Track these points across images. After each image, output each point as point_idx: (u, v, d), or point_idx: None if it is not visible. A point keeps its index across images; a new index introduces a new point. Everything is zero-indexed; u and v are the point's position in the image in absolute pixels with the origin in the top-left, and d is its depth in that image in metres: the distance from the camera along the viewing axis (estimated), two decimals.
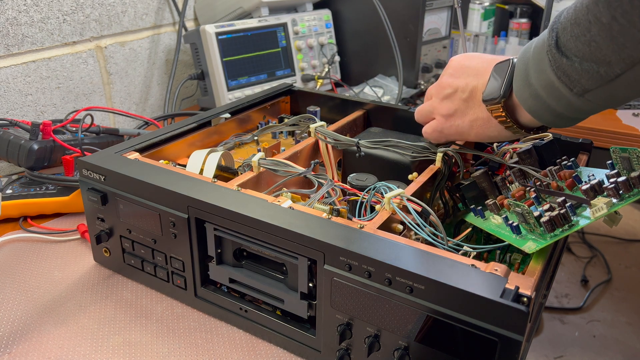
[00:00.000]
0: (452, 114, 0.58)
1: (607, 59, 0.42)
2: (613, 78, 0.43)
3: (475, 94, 0.56)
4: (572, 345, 1.50)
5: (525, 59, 0.50)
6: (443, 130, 0.60)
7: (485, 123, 0.55)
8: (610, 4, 0.40)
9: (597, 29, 0.42)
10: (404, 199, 0.52)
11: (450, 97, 0.58)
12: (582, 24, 0.43)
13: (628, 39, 0.41)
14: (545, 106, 0.49)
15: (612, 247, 1.91)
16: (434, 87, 0.62)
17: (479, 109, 0.55)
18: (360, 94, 1.20)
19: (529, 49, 0.50)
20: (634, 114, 1.08)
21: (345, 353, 0.48)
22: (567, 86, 0.46)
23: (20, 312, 0.58)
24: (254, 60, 1.14)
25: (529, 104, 0.50)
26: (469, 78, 0.57)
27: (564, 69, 0.45)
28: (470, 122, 0.57)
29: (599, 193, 0.46)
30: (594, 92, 0.45)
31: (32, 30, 0.92)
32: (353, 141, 0.66)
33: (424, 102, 0.64)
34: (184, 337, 0.55)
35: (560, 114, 0.49)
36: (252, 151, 0.78)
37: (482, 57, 0.58)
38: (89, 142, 0.83)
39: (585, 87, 0.45)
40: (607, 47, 0.42)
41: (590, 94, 0.45)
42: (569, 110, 0.48)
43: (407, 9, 1.18)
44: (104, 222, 0.61)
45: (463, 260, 0.43)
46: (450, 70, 0.59)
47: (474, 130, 0.57)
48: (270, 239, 0.49)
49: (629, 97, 0.45)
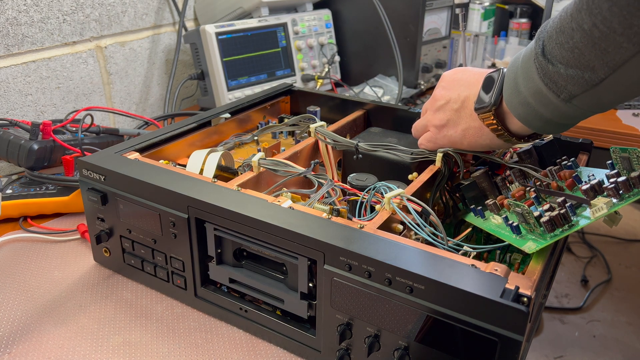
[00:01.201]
0: (444, 124, 0.59)
1: (590, 64, 0.43)
2: (597, 82, 0.44)
3: (467, 104, 0.57)
4: (572, 345, 1.50)
5: (514, 67, 0.51)
6: (437, 140, 0.61)
7: (477, 132, 0.56)
8: (592, 12, 0.42)
9: (579, 35, 0.43)
10: (404, 199, 0.52)
11: (442, 108, 0.59)
12: (566, 32, 0.44)
13: (609, 44, 0.42)
14: (535, 113, 0.50)
15: (612, 247, 1.91)
16: (428, 102, 0.63)
17: (471, 119, 0.56)
18: (360, 94, 1.20)
19: (518, 58, 0.51)
20: (634, 114, 1.08)
21: (345, 353, 0.48)
22: (554, 92, 0.47)
23: (20, 312, 0.58)
24: (254, 60, 1.14)
25: (518, 111, 0.51)
26: (460, 89, 0.58)
27: (551, 75, 0.46)
28: (462, 131, 0.58)
29: (599, 193, 0.46)
30: (580, 98, 0.46)
31: (32, 30, 0.92)
32: (352, 143, 0.66)
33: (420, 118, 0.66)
34: (184, 337, 0.55)
35: (549, 120, 0.50)
36: (252, 151, 0.78)
37: (473, 70, 0.59)
38: (89, 142, 0.83)
39: (572, 92, 0.46)
40: (589, 53, 0.43)
41: (576, 99, 0.46)
42: (557, 116, 0.49)
43: (407, 9, 1.18)
44: (104, 222, 0.61)
45: (463, 260, 0.43)
46: (443, 84, 0.60)
47: (467, 140, 0.58)
48: (270, 239, 0.49)
49: (615, 101, 0.46)
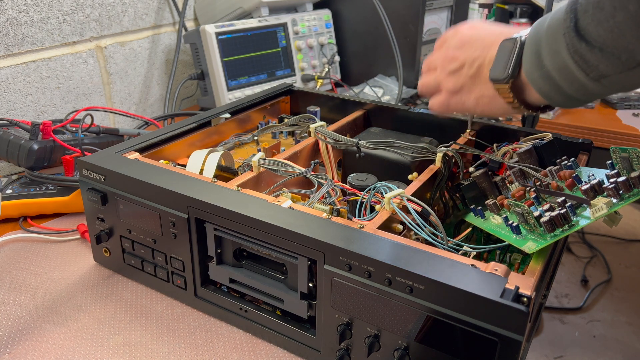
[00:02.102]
0: (458, 90, 0.57)
1: (630, 46, 0.41)
2: (634, 66, 0.42)
3: (481, 70, 0.54)
4: (572, 345, 1.49)
5: (536, 38, 0.48)
6: (450, 106, 0.59)
7: (491, 101, 0.54)
8: None
9: (622, 16, 0.40)
10: (404, 199, 0.52)
11: (456, 73, 0.57)
12: (606, 9, 0.41)
13: None
14: (557, 88, 0.47)
15: (612, 247, 1.91)
16: (439, 59, 0.60)
17: (485, 87, 0.54)
18: (360, 94, 1.20)
19: (541, 27, 0.48)
20: (634, 114, 1.08)
21: (345, 353, 0.48)
22: (583, 71, 0.44)
23: (20, 312, 0.58)
24: (254, 60, 1.14)
25: (539, 85, 0.49)
26: (476, 51, 0.55)
27: (582, 53, 0.44)
28: (476, 99, 0.56)
29: (599, 193, 0.46)
30: (611, 78, 0.44)
31: (32, 30, 0.92)
32: (353, 141, 0.66)
33: (424, 72, 0.63)
34: (184, 337, 0.55)
35: (571, 96, 0.47)
36: (252, 151, 0.78)
37: (489, 28, 0.56)
38: (89, 142, 0.83)
39: (603, 73, 0.43)
40: (631, 35, 0.41)
41: (607, 79, 0.44)
42: (581, 94, 0.47)
43: (407, 9, 1.18)
44: (104, 222, 0.61)
45: (463, 260, 0.43)
46: (456, 42, 0.57)
47: (480, 108, 0.56)
48: (270, 239, 0.49)
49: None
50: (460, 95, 0.57)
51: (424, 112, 0.79)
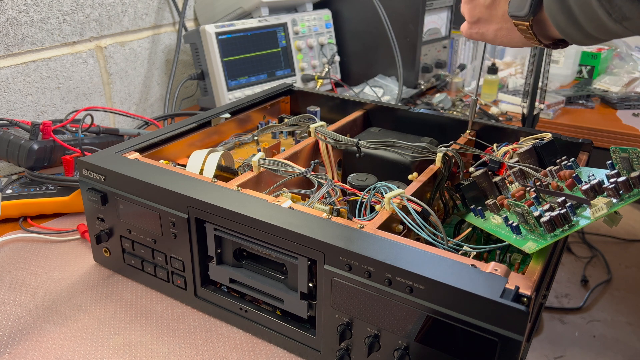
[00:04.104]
0: (476, 21, 0.58)
1: None
2: None
3: (499, 2, 0.54)
4: (572, 345, 1.50)
5: None
6: (471, 35, 0.60)
7: (509, 33, 0.55)
8: None
9: None
10: (404, 199, 0.52)
11: (472, 2, 0.57)
12: None
13: None
14: (576, 25, 0.47)
15: (612, 247, 1.91)
16: None
17: (503, 20, 0.55)
18: (360, 94, 1.20)
19: None
20: (634, 114, 1.09)
21: (345, 353, 0.48)
22: (606, 11, 0.43)
23: (20, 312, 0.58)
24: (254, 60, 1.14)
25: (558, 21, 0.48)
26: None
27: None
28: (494, 31, 0.57)
29: (599, 193, 0.46)
30: (634, 22, 0.43)
31: (32, 30, 0.92)
32: (353, 141, 0.66)
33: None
34: (184, 337, 0.55)
35: (590, 34, 0.47)
36: (252, 151, 0.78)
37: None
38: (89, 142, 0.83)
39: (626, 15, 0.43)
40: None
41: (629, 22, 0.43)
42: (600, 33, 0.46)
43: (407, 9, 1.18)
44: (104, 222, 0.61)
45: (463, 260, 0.43)
46: None
47: (499, 39, 0.57)
48: (270, 239, 0.49)
49: None
50: (479, 27, 0.58)
51: (424, 112, 0.79)
